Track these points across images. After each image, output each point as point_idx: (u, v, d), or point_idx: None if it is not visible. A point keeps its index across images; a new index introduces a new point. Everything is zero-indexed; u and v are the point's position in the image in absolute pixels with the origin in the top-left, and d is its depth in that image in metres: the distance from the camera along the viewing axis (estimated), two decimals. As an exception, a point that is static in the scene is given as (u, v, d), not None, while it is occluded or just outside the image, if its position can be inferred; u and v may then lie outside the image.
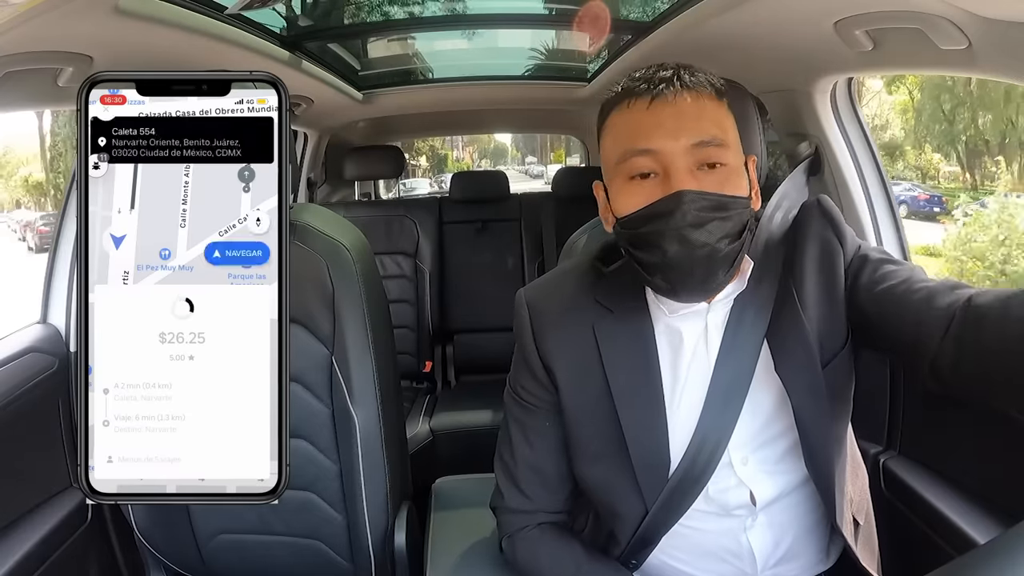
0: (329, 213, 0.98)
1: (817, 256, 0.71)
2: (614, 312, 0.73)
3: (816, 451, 0.69)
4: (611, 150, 0.69)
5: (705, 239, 0.62)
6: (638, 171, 0.65)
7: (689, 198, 0.62)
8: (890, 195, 1.17)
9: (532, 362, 0.76)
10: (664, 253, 0.63)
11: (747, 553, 0.72)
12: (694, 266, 0.63)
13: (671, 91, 0.64)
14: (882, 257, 0.70)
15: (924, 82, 14.26)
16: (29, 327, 1.13)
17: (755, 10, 0.93)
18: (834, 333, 0.70)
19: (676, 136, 0.63)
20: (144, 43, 0.91)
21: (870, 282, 0.68)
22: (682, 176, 0.63)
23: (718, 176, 0.64)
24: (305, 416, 0.92)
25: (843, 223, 0.73)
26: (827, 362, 0.70)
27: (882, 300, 0.66)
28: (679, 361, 0.71)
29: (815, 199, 0.75)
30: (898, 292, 0.65)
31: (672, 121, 0.64)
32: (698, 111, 0.64)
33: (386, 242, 2.13)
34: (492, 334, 2.13)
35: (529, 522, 0.78)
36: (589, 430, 0.74)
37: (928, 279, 0.66)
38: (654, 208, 0.64)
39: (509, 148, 32.01)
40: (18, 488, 0.99)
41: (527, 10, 1.70)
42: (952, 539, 0.85)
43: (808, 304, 0.70)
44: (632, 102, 0.66)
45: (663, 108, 0.64)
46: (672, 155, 0.63)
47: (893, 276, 0.67)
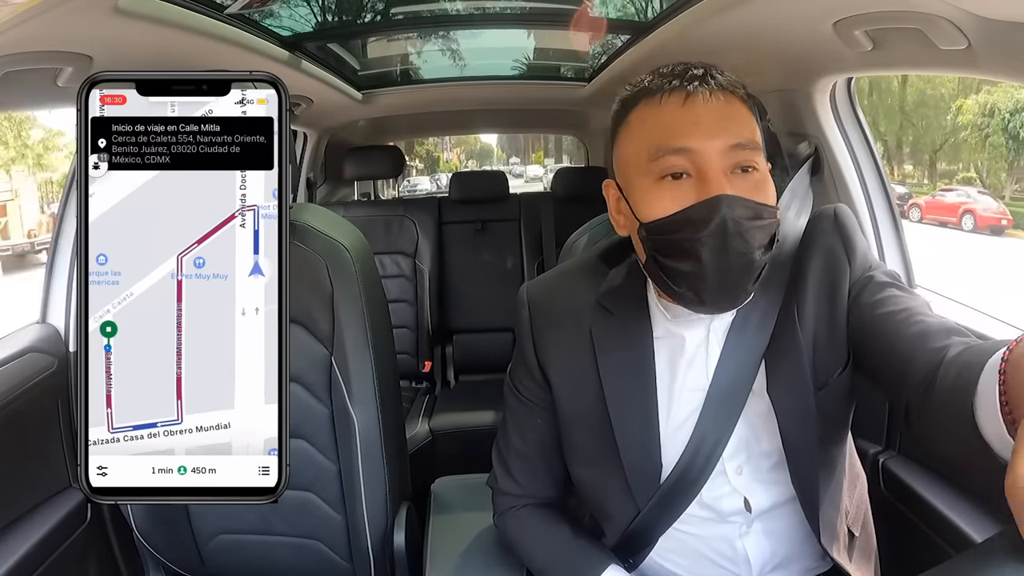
0: (329, 213, 0.98)
1: (820, 271, 0.68)
2: (614, 315, 0.72)
3: (802, 474, 0.68)
4: (636, 148, 0.64)
5: (743, 248, 0.59)
6: (670, 171, 0.61)
7: (729, 203, 0.58)
8: (890, 195, 1.17)
9: (529, 360, 0.76)
10: (699, 262, 0.59)
11: (742, 559, 0.72)
12: (729, 276, 0.60)
13: (705, 89, 0.61)
14: (888, 281, 0.66)
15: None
16: (29, 327, 1.13)
17: (755, 10, 0.93)
18: (833, 355, 0.67)
19: (713, 136, 0.60)
20: (144, 43, 0.91)
21: (870, 304, 0.64)
22: (719, 179, 0.59)
23: (752, 181, 0.61)
24: (305, 416, 0.92)
25: (856, 237, 0.69)
26: (823, 384, 0.67)
27: (878, 326, 0.63)
28: (677, 367, 0.70)
29: (832, 208, 0.71)
30: (895, 321, 0.61)
31: (709, 120, 0.60)
32: (732, 112, 0.62)
33: (386, 242, 2.13)
34: (492, 334, 2.13)
35: (518, 503, 0.80)
36: (582, 433, 0.74)
37: (928, 314, 0.61)
38: (690, 213, 0.59)
39: (495, 149, 32.32)
40: (18, 488, 0.99)
41: (527, 10, 1.70)
42: (951, 539, 0.85)
43: (807, 324, 0.67)
44: (665, 97, 0.62)
45: (699, 105, 0.61)
46: (709, 155, 0.59)
47: (894, 303, 0.63)
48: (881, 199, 1.15)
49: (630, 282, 0.73)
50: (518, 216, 2.26)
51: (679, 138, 0.60)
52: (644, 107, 0.64)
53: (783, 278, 0.69)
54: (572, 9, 1.60)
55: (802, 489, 0.69)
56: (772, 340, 0.68)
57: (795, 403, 0.67)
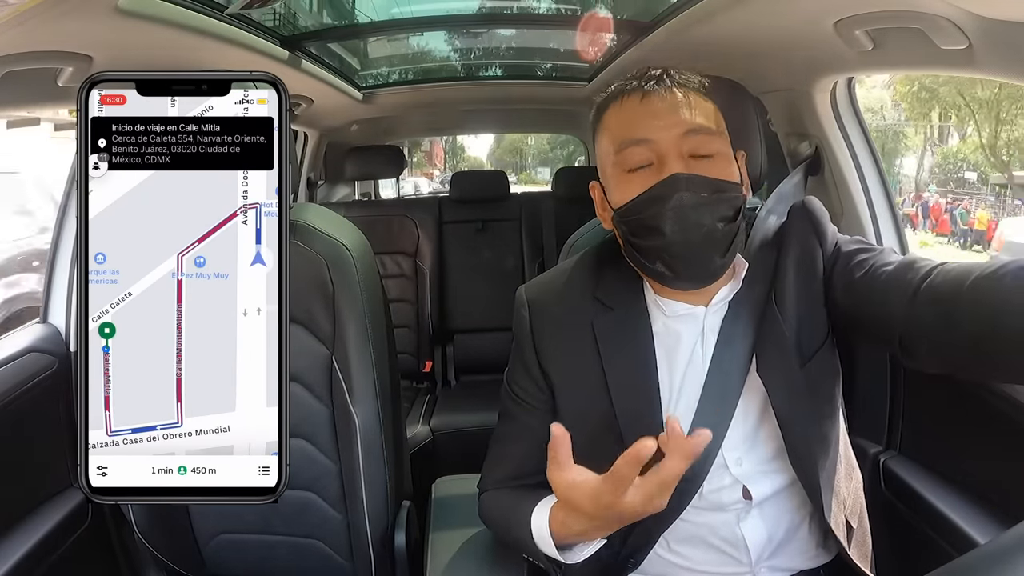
0: (329, 213, 0.98)
1: (798, 256, 0.73)
2: (614, 310, 0.74)
3: (799, 450, 0.70)
4: (606, 145, 0.71)
5: (703, 219, 0.65)
6: (634, 163, 0.68)
7: (684, 179, 0.65)
8: (890, 195, 1.17)
9: (528, 362, 0.76)
10: (664, 235, 0.66)
11: (741, 542, 0.72)
12: (692, 247, 0.66)
13: (662, 86, 0.69)
14: (856, 248, 0.72)
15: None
16: (29, 327, 1.13)
17: (755, 10, 0.93)
18: (814, 330, 0.72)
19: (668, 127, 0.67)
20: (144, 43, 0.91)
21: (844, 271, 0.70)
22: (675, 162, 0.66)
23: (709, 165, 0.67)
24: (305, 416, 0.92)
25: (824, 222, 0.74)
26: (807, 359, 0.71)
27: (854, 287, 0.69)
28: (675, 364, 0.72)
29: (801, 201, 0.77)
30: (867, 276, 0.68)
31: (664, 112, 0.67)
32: (687, 103, 0.68)
33: (386, 242, 2.13)
34: (492, 334, 2.13)
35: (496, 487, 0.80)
36: (583, 429, 0.74)
37: (893, 259, 0.68)
38: (651, 192, 0.66)
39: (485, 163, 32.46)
40: (18, 488, 0.99)
41: (527, 10, 1.70)
42: (952, 539, 0.85)
43: (786, 303, 0.71)
44: (625, 98, 0.70)
45: (655, 101, 0.68)
46: (666, 143, 0.66)
47: (864, 264, 0.69)
48: (881, 199, 1.15)
49: (627, 279, 0.75)
50: (518, 216, 2.26)
51: (638, 131, 0.68)
52: (610, 108, 0.72)
53: (768, 271, 0.73)
54: (572, 9, 1.61)
55: (800, 467, 0.70)
56: (759, 327, 0.71)
57: (783, 378, 0.70)
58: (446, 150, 23.54)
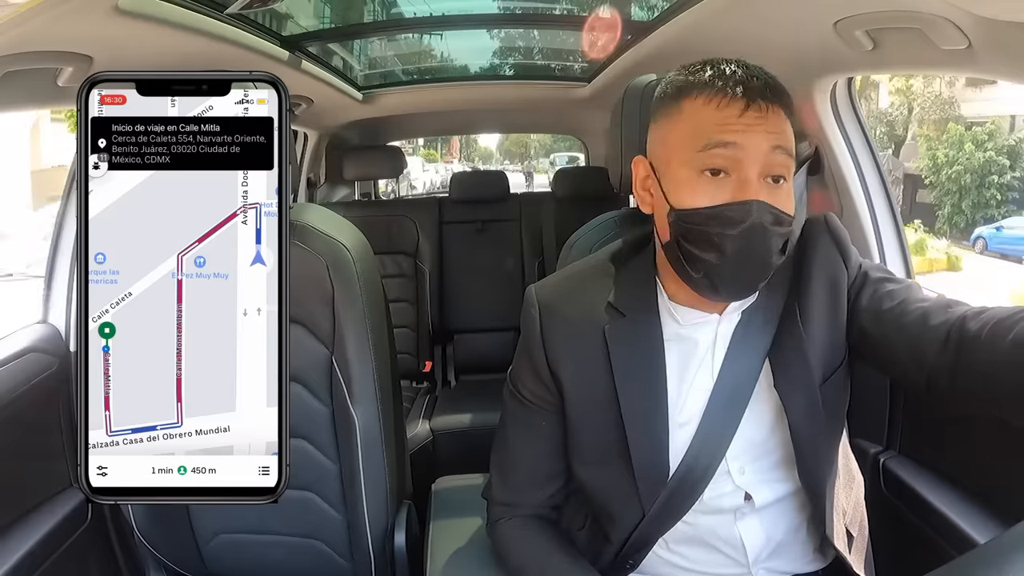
0: (329, 213, 0.98)
1: (824, 278, 0.72)
2: (626, 316, 0.73)
3: (810, 467, 0.71)
4: (683, 137, 0.66)
5: (764, 251, 0.65)
6: (715, 166, 0.64)
7: (760, 209, 0.63)
8: (890, 195, 1.17)
9: (537, 362, 0.75)
10: (722, 255, 0.64)
11: (739, 543, 0.73)
12: (745, 273, 0.66)
13: (763, 103, 0.65)
14: (882, 276, 0.71)
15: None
16: (29, 327, 1.13)
17: (755, 10, 0.93)
18: (834, 351, 0.72)
19: (760, 141, 0.64)
20: (144, 43, 0.91)
21: (871, 301, 0.70)
22: (755, 185, 0.64)
23: (782, 192, 0.66)
24: (305, 416, 0.92)
25: (848, 242, 0.74)
26: (825, 379, 0.71)
27: (882, 320, 0.68)
28: (686, 370, 0.72)
29: (821, 216, 0.75)
30: (896, 312, 0.67)
31: (761, 123, 0.64)
32: (781, 124, 0.66)
33: (386, 242, 2.13)
34: (492, 334, 2.13)
35: (510, 514, 0.80)
36: (591, 434, 0.74)
37: (925, 297, 0.67)
38: (724, 210, 0.64)
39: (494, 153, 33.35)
40: (18, 488, 0.99)
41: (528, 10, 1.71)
42: (952, 539, 0.85)
43: (812, 323, 0.71)
44: (724, 103, 0.65)
45: (756, 109, 0.64)
46: (753, 156, 0.64)
47: (892, 296, 0.68)
48: (881, 199, 1.15)
49: (641, 285, 0.74)
50: (518, 216, 2.26)
51: (732, 135, 0.64)
52: (700, 99, 0.66)
53: (785, 282, 0.72)
54: (572, 9, 1.61)
55: (809, 483, 0.71)
56: (778, 340, 0.71)
57: (804, 397, 0.70)
58: (461, 141, 24.81)
